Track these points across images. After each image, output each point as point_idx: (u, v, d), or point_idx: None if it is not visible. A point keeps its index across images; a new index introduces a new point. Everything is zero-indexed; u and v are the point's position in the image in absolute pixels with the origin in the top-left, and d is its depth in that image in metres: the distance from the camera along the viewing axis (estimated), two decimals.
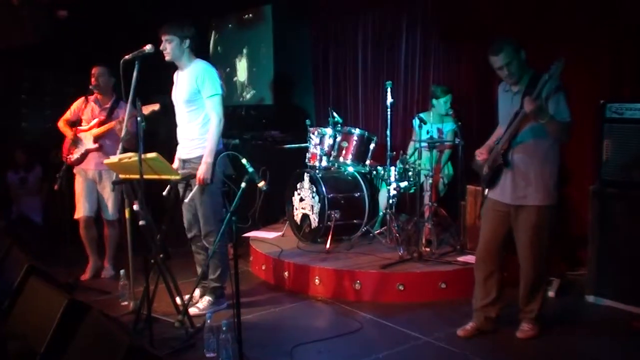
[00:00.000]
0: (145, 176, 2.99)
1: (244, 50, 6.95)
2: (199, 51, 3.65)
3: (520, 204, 3.03)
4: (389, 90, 4.38)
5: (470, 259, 3.93)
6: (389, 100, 4.38)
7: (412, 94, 5.54)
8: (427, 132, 4.48)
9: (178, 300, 3.46)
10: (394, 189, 4.49)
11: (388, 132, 4.43)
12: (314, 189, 4.60)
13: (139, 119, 2.94)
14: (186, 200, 3.58)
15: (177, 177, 3.30)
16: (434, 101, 4.81)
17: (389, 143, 4.45)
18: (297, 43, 6.46)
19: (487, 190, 3.19)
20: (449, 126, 4.82)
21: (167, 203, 3.47)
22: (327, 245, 4.37)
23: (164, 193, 3.46)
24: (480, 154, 3.16)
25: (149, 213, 3.15)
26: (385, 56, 5.73)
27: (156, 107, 3.68)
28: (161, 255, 3.26)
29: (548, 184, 3.01)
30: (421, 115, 4.56)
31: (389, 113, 4.39)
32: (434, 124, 4.78)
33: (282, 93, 6.61)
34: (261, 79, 6.75)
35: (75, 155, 4.25)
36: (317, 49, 6.36)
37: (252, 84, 6.91)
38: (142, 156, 2.96)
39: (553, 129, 2.87)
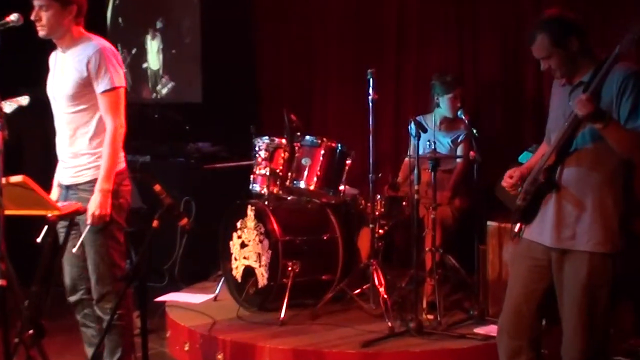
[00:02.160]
0: (6, 212, 2.89)
1: (158, 24, 6.90)
2: (91, 24, 3.63)
3: (567, 248, 3.04)
4: (370, 82, 4.42)
5: (493, 329, 3.85)
6: (372, 96, 4.42)
7: (406, 88, 5.56)
8: (429, 144, 4.50)
9: None
10: (381, 228, 4.50)
11: (371, 144, 4.47)
12: (262, 229, 4.60)
13: None
14: (74, 250, 3.55)
15: (57, 214, 3.25)
16: (437, 99, 4.90)
17: (371, 160, 4.48)
18: (237, 14, 6.47)
19: (518, 227, 3.22)
20: (459, 134, 4.90)
21: (41, 253, 3.34)
22: (282, 314, 4.36)
23: (38, 239, 3.36)
24: (510, 177, 3.21)
25: (13, 269, 3.08)
26: (365, 32, 5.79)
27: (23, 101, 3.63)
28: (30, 332, 3.16)
29: (610, 219, 3.00)
30: (420, 119, 4.58)
31: (371, 116, 4.43)
32: (439, 131, 4.84)
33: (214, 87, 6.58)
34: (184, 66, 6.72)
35: None
36: (266, 24, 6.40)
37: (171, 73, 6.87)
38: (1, 180, 2.88)
39: (618, 141, 2.91)
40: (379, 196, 4.62)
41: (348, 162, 4.71)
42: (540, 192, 3.07)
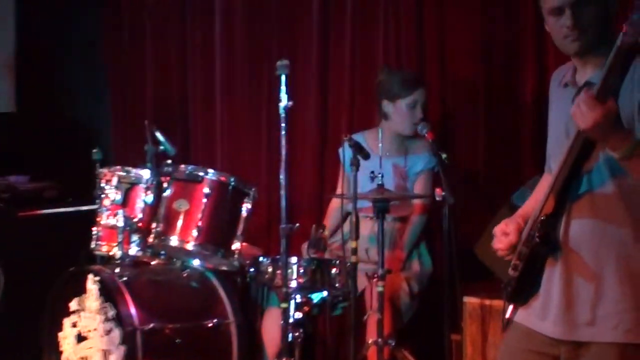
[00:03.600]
0: None
1: None
2: None
3: (584, 340, 3.04)
4: (283, 80, 4.38)
5: None
6: (284, 104, 4.39)
7: (337, 90, 5.67)
8: (372, 175, 4.51)
9: None
10: (299, 309, 4.50)
11: (282, 178, 4.44)
12: (111, 313, 4.50)
13: None
14: None
15: None
16: (387, 106, 4.93)
17: (283, 203, 4.44)
18: None
19: (510, 309, 3.24)
20: (421, 161, 4.96)
21: None
22: None
23: None
24: (505, 234, 3.22)
25: None
26: (271, 9, 5.97)
27: None
28: None
29: None
30: (358, 137, 4.62)
31: (283, 134, 4.41)
32: (388, 157, 4.87)
33: (35, 91, 6.66)
34: None
35: None
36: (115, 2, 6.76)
37: None
38: None
39: None
40: (295, 259, 4.60)
41: (247, 205, 4.73)
42: (538, 256, 3.10)
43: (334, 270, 4.60)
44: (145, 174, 4.83)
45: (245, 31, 6.08)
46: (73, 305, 4.67)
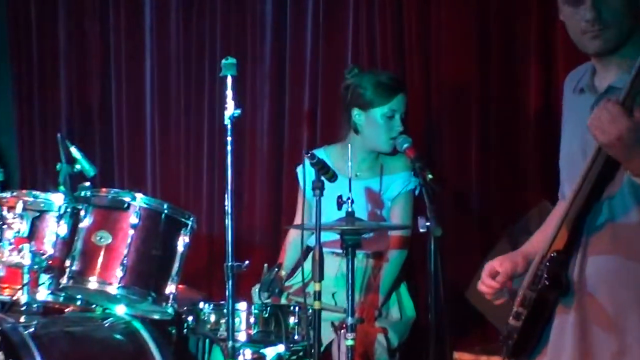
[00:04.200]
0: None
1: None
2: None
3: None
4: (229, 84, 4.37)
5: None
6: (230, 110, 4.37)
7: (295, 95, 5.80)
8: (340, 201, 4.50)
9: None
10: None
11: (227, 205, 4.41)
12: None
13: None
14: None
15: None
16: (357, 116, 4.98)
17: (229, 235, 4.39)
18: None
19: None
20: (399, 183, 5.01)
21: None
22: None
23: None
24: (492, 275, 3.30)
25: None
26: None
27: None
28: None
29: None
30: (321, 153, 4.68)
31: (229, 149, 4.40)
32: (359, 178, 4.97)
33: None
34: None
35: None
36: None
37: None
38: None
39: None
40: (244, 305, 4.55)
41: (184, 239, 4.70)
42: (547, 301, 3.16)
43: (292, 319, 4.57)
44: (58, 199, 4.70)
45: (181, 23, 6.19)
46: None
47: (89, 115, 6.52)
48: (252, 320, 4.57)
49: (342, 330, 4.42)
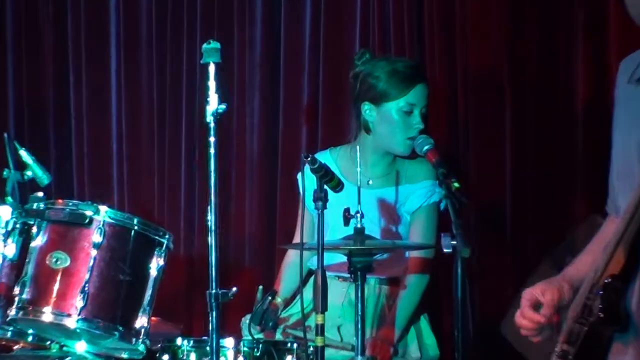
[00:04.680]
0: None
1: None
2: None
3: None
4: (211, 73, 4.33)
5: None
6: (214, 105, 4.35)
7: (296, 87, 5.93)
8: (347, 215, 4.49)
9: None
10: None
11: (210, 217, 4.37)
12: None
13: None
14: None
15: None
16: (368, 112, 4.93)
17: (213, 254, 4.33)
18: None
19: None
20: (419, 193, 5.00)
21: None
22: None
23: None
24: (531, 307, 3.25)
25: None
26: None
27: None
28: None
29: None
30: (322, 157, 4.68)
31: (212, 149, 4.36)
32: (371, 187, 4.99)
33: None
34: None
35: None
36: None
37: None
38: None
39: None
40: (231, 340, 4.50)
41: (158, 261, 4.67)
42: (599, 337, 3.10)
43: (289, 358, 4.51)
44: (4, 212, 4.66)
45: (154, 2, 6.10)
46: None
47: (43, 112, 6.50)
48: (240, 359, 4.54)
49: None
